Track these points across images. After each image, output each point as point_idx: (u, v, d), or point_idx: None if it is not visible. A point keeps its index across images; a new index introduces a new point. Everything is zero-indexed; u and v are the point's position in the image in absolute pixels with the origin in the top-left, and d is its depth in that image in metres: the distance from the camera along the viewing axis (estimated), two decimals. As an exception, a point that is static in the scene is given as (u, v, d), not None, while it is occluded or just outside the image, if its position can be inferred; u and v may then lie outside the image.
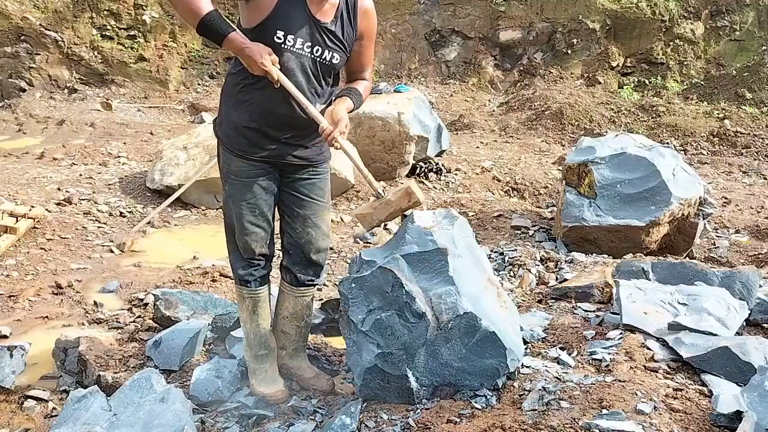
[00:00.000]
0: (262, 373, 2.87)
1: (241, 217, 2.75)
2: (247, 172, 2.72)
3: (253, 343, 2.88)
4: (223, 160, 2.77)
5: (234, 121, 2.69)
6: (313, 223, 2.85)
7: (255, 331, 2.88)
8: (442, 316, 2.60)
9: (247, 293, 2.87)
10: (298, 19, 2.58)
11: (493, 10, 11.40)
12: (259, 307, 2.87)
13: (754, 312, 3.18)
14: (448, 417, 2.45)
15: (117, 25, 10.68)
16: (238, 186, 2.74)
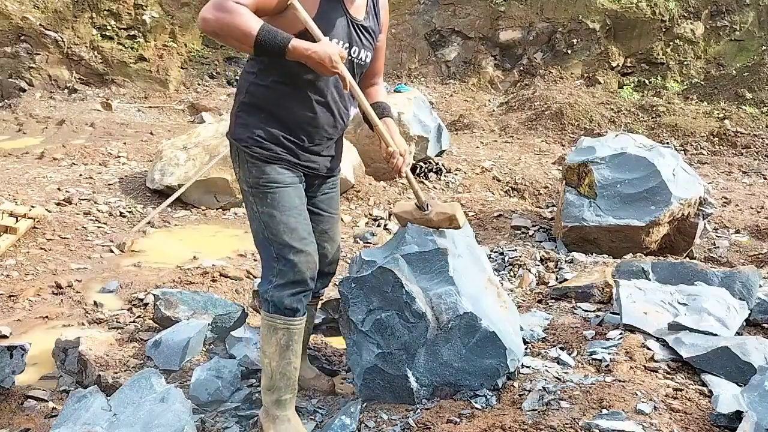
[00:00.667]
0: (284, 423, 2.47)
1: (294, 229, 2.42)
2: (291, 177, 2.47)
3: (279, 385, 2.46)
4: (256, 172, 2.43)
5: (270, 133, 2.43)
6: (330, 237, 2.71)
7: (284, 370, 2.46)
8: (442, 316, 2.60)
9: (283, 323, 2.43)
10: (338, 19, 2.38)
11: (493, 10, 11.40)
12: (293, 342, 2.46)
13: (754, 312, 3.18)
14: (448, 417, 2.45)
15: (117, 25, 10.69)
16: (283, 194, 2.43)
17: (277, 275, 2.43)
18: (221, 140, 6.25)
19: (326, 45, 2.26)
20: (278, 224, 2.41)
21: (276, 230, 2.41)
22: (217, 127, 6.58)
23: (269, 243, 2.43)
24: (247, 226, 5.68)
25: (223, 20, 2.15)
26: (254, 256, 4.94)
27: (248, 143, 2.44)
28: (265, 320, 2.46)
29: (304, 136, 2.46)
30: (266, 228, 2.43)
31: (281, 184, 2.44)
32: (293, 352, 2.46)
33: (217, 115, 9.44)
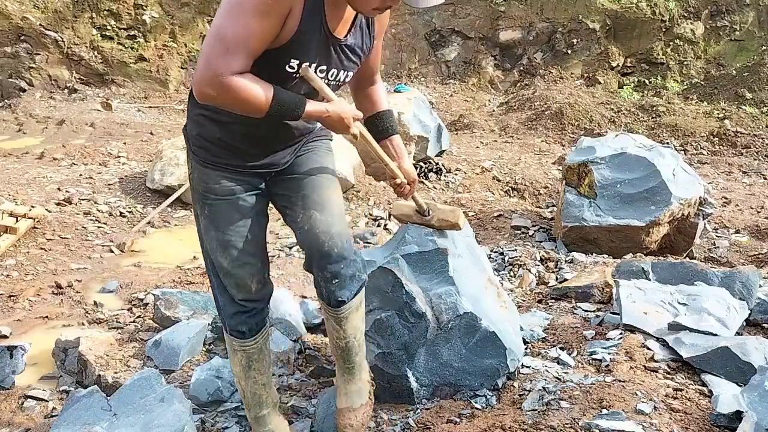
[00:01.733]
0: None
1: (228, 245, 2.20)
2: (233, 188, 2.19)
3: (252, 403, 2.39)
4: (198, 176, 2.22)
5: (212, 134, 2.16)
6: (316, 202, 2.20)
7: (252, 389, 2.37)
8: (442, 316, 2.60)
9: (239, 345, 2.32)
10: (316, 42, 2.06)
11: (493, 10, 11.40)
12: (254, 361, 2.34)
13: (754, 312, 3.18)
14: (448, 417, 2.45)
15: (117, 25, 10.68)
16: (220, 208, 2.19)
17: (217, 292, 2.31)
18: (221, 140, 6.26)
19: (338, 106, 2.08)
20: (212, 240, 2.22)
21: (210, 245, 2.24)
22: (217, 127, 6.58)
23: (206, 257, 2.30)
24: (247, 226, 5.69)
25: (226, 99, 1.92)
26: (254, 256, 4.93)
27: (194, 143, 2.20)
28: (228, 341, 2.36)
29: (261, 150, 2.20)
30: (203, 238, 2.28)
31: (220, 195, 2.19)
32: (257, 371, 2.35)
33: (217, 115, 9.43)
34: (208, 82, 1.88)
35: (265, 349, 2.38)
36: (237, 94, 1.89)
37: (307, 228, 2.17)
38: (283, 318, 3.27)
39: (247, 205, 2.21)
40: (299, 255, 4.95)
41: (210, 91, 1.89)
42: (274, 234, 5.46)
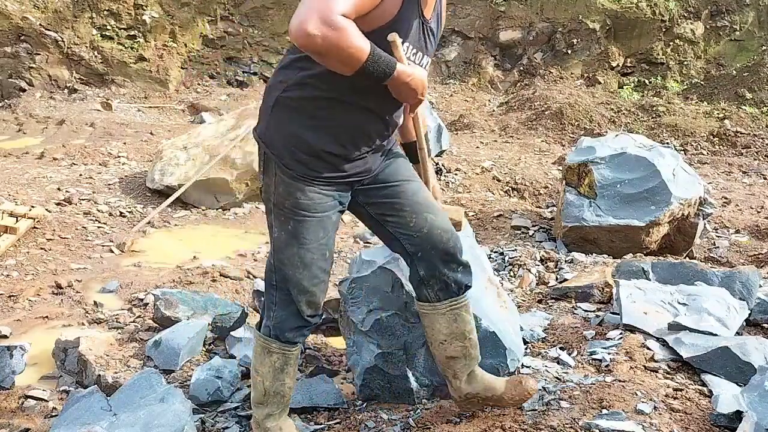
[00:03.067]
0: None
1: (311, 264, 2.16)
2: (323, 204, 2.14)
3: (272, 401, 2.33)
4: (285, 190, 2.12)
5: (310, 144, 2.08)
6: (424, 206, 2.24)
7: (277, 389, 2.32)
8: (442, 316, 2.59)
9: (279, 348, 2.27)
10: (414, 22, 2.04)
11: (493, 10, 11.40)
12: (289, 366, 2.31)
13: (754, 312, 3.18)
14: (448, 417, 2.45)
15: (117, 25, 10.68)
16: (309, 224, 2.14)
17: (278, 305, 2.24)
18: (221, 140, 6.25)
19: (419, 71, 2.01)
20: (293, 256, 2.16)
21: (288, 261, 2.17)
22: (216, 127, 6.58)
23: (276, 269, 2.21)
24: (247, 226, 5.70)
25: (332, 40, 1.78)
26: (254, 256, 4.94)
27: (281, 154, 2.11)
28: (260, 340, 2.30)
29: (350, 146, 2.12)
30: (279, 252, 2.19)
31: (308, 212, 2.14)
32: (288, 375, 2.32)
33: (217, 115, 9.44)
34: (315, 21, 1.76)
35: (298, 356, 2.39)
36: (342, 35, 1.79)
37: (426, 230, 2.22)
38: (283, 318, 3.26)
39: (331, 222, 2.20)
40: (299, 255, 4.95)
41: (322, 30, 1.76)
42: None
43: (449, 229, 2.26)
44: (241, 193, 6.05)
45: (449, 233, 2.25)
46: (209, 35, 11.23)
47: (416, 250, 2.24)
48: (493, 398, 2.35)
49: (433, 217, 2.23)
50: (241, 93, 10.73)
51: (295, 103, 2.09)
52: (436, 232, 2.22)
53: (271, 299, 2.26)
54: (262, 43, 11.37)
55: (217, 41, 11.27)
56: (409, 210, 2.23)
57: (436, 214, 2.25)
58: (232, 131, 6.32)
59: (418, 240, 2.23)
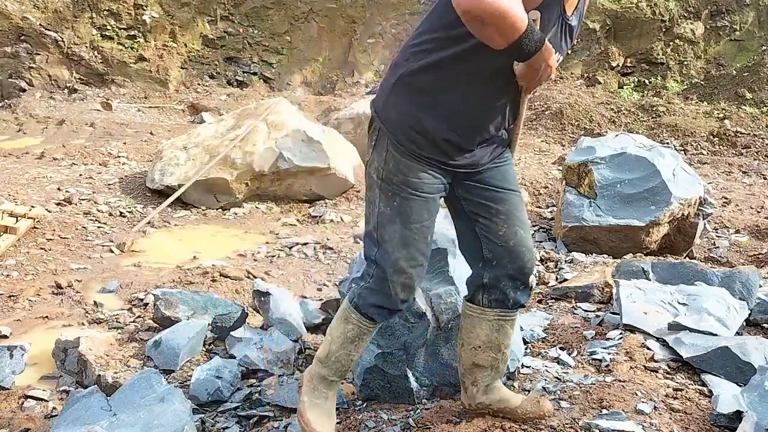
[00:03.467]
0: (320, 400, 2.33)
1: (411, 244, 2.13)
2: (431, 186, 2.13)
3: (331, 366, 2.32)
4: (395, 166, 2.12)
5: (426, 127, 2.08)
6: (519, 220, 2.23)
7: (340, 357, 2.30)
8: (442, 316, 2.60)
9: (357, 320, 2.24)
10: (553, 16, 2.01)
11: (493, 10, 11.39)
12: (360, 339, 2.28)
13: (754, 312, 3.18)
14: (448, 417, 2.45)
15: (117, 25, 10.68)
16: (415, 203, 2.12)
17: (372, 279, 2.19)
18: (221, 140, 6.25)
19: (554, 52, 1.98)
20: (394, 233, 2.13)
21: (388, 237, 2.14)
22: (216, 127, 6.58)
23: (375, 244, 2.17)
24: (247, 226, 5.70)
25: (503, 5, 1.77)
26: (254, 256, 4.93)
27: (395, 131, 2.11)
28: (343, 306, 2.28)
29: (465, 134, 2.10)
30: (381, 227, 2.16)
31: (416, 191, 2.12)
32: (356, 348, 2.28)
33: (216, 115, 9.44)
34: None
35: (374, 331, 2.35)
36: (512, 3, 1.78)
37: (512, 244, 2.21)
38: (283, 318, 3.26)
39: (435, 206, 2.19)
40: (299, 255, 4.95)
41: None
42: (274, 234, 5.46)
43: (532, 249, 2.26)
44: (241, 193, 6.05)
45: (531, 254, 2.25)
46: (209, 35, 11.23)
47: (493, 257, 2.22)
48: (505, 410, 2.33)
49: (523, 233, 2.23)
50: (241, 93, 10.73)
51: (417, 84, 2.08)
52: (519, 249, 2.22)
53: (367, 271, 2.22)
54: (262, 43, 11.37)
55: (217, 41, 11.27)
56: (503, 218, 2.21)
57: (526, 232, 2.25)
58: (232, 131, 6.32)
59: (500, 250, 2.22)
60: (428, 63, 2.05)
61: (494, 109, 2.10)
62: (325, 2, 11.39)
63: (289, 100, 7.20)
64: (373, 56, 11.42)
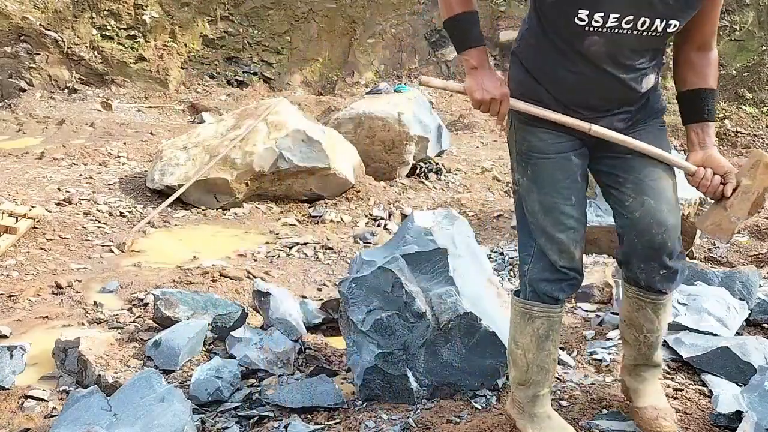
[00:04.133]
0: (544, 420, 2.14)
1: (553, 208, 2.05)
2: (557, 145, 2.06)
3: (537, 379, 2.14)
4: (521, 136, 2.11)
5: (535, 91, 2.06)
6: (651, 189, 2.01)
7: (542, 362, 2.13)
8: (442, 316, 2.60)
9: (542, 311, 2.10)
10: None
11: (493, 10, 11.40)
12: (554, 331, 2.13)
13: (754, 312, 3.18)
14: (448, 417, 2.45)
15: (117, 25, 10.69)
16: (544, 166, 2.07)
17: (533, 258, 2.10)
18: (221, 140, 6.26)
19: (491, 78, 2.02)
20: (534, 202, 2.08)
21: (532, 208, 2.09)
22: (216, 127, 6.58)
23: (525, 219, 2.13)
24: (247, 226, 5.70)
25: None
26: (254, 256, 4.94)
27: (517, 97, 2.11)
28: (519, 307, 2.13)
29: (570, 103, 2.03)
30: (524, 201, 2.13)
31: (542, 154, 2.06)
32: (553, 343, 2.14)
33: (216, 115, 9.45)
34: None
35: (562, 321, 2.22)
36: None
37: (638, 215, 2.01)
38: (283, 318, 3.27)
39: (571, 165, 2.07)
40: (299, 255, 4.95)
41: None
42: (274, 234, 5.46)
43: (665, 223, 1.99)
44: (241, 193, 6.05)
45: (663, 227, 1.99)
46: (209, 35, 11.23)
47: (622, 232, 2.07)
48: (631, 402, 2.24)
49: (652, 203, 1.99)
50: (241, 93, 10.73)
51: (522, 54, 2.11)
52: (646, 221, 2.00)
53: (525, 257, 2.14)
54: (262, 43, 11.37)
55: (217, 41, 11.28)
56: (630, 188, 2.04)
57: (658, 202, 2.00)
58: (232, 131, 6.32)
59: (627, 222, 2.04)
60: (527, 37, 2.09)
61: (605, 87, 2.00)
62: (325, 2, 11.39)
63: (289, 100, 7.21)
64: (373, 56, 11.42)
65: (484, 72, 2.04)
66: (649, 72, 2.02)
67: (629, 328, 2.20)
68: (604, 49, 1.93)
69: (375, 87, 8.41)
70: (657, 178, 2.03)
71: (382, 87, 7.99)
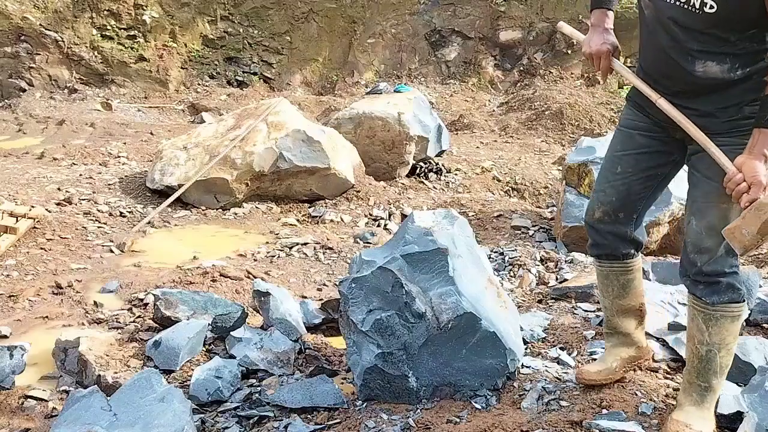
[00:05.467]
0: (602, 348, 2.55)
1: (602, 170, 2.37)
2: (630, 121, 2.29)
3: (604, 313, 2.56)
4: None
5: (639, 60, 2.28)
6: (699, 210, 2.13)
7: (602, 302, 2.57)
8: (442, 316, 2.60)
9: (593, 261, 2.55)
10: None
11: (493, 10, 11.40)
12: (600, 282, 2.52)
13: (754, 312, 3.18)
14: (448, 417, 2.45)
15: (117, 25, 10.68)
16: (615, 135, 2.36)
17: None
18: (221, 140, 6.25)
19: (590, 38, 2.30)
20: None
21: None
22: (216, 127, 6.58)
23: None
24: (247, 226, 5.70)
25: None
26: (254, 256, 4.93)
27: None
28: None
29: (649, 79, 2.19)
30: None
31: (619, 126, 2.35)
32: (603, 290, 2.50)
33: (216, 115, 9.45)
34: None
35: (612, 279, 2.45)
36: None
37: (685, 232, 2.24)
38: (283, 318, 3.27)
39: (633, 141, 2.28)
40: (299, 255, 4.96)
41: None
42: (274, 234, 5.46)
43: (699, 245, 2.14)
44: (241, 193, 6.05)
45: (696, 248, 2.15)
46: (209, 35, 11.23)
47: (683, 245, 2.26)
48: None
49: (694, 224, 2.15)
50: (241, 93, 10.73)
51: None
52: (686, 240, 2.20)
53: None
54: (262, 43, 11.37)
55: (217, 41, 11.27)
56: (688, 205, 2.23)
57: (699, 222, 2.13)
58: (232, 131, 6.32)
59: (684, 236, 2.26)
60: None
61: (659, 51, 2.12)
62: (325, 2, 11.39)
63: (289, 100, 7.20)
64: (373, 56, 11.42)
65: (597, 30, 2.29)
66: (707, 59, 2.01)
67: (687, 340, 2.30)
68: (654, 14, 2.09)
69: (375, 87, 8.40)
70: (709, 201, 2.11)
71: (382, 87, 7.99)
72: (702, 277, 2.16)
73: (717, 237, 2.07)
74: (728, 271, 2.14)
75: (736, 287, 2.15)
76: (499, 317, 2.71)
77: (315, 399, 2.71)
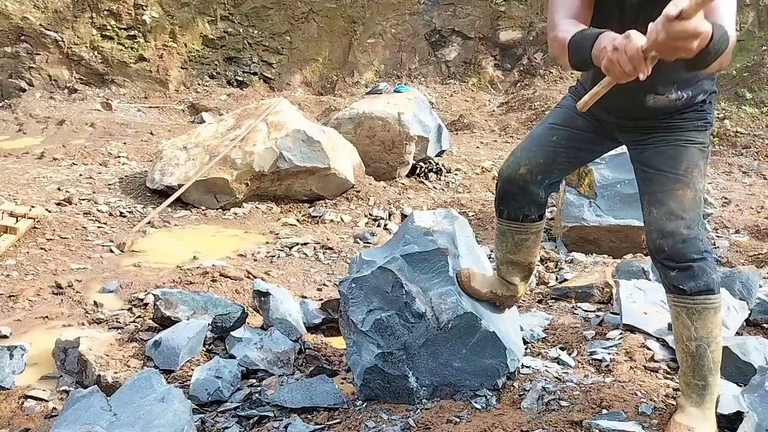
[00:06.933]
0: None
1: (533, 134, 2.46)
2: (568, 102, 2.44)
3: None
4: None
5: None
6: (657, 200, 2.18)
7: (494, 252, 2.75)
8: (442, 316, 2.60)
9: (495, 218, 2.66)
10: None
11: (493, 10, 11.40)
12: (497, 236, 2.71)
13: (754, 312, 3.18)
14: (448, 417, 2.45)
15: (117, 25, 10.69)
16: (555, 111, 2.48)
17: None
18: (221, 140, 6.26)
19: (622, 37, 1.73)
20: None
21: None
22: (216, 127, 6.58)
23: None
24: (247, 226, 5.70)
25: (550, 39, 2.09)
26: (254, 256, 4.94)
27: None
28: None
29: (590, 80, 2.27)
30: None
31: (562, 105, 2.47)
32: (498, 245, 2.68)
33: (217, 115, 9.45)
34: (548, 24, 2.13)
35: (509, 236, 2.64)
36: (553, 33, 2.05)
37: (647, 222, 2.23)
38: (283, 318, 3.27)
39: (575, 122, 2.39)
40: (299, 255, 4.96)
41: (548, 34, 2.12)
42: (273, 234, 5.46)
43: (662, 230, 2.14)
44: (241, 193, 6.05)
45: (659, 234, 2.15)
46: (209, 35, 11.23)
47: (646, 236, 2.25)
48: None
49: (655, 213, 2.18)
50: (241, 93, 10.73)
51: None
52: (649, 228, 2.20)
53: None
54: (262, 43, 11.38)
55: (217, 41, 11.28)
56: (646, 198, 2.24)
57: (659, 210, 2.17)
58: (232, 131, 6.32)
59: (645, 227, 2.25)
60: None
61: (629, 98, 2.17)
62: (325, 2, 11.39)
63: (289, 100, 7.20)
64: (373, 56, 11.42)
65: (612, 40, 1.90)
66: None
67: (675, 342, 2.27)
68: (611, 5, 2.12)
69: (375, 87, 8.40)
70: (666, 189, 2.18)
71: (382, 87, 7.99)
72: (673, 262, 2.13)
73: (678, 220, 2.14)
74: (697, 257, 2.13)
75: (709, 272, 2.14)
76: (499, 317, 2.71)
77: (315, 399, 2.71)
